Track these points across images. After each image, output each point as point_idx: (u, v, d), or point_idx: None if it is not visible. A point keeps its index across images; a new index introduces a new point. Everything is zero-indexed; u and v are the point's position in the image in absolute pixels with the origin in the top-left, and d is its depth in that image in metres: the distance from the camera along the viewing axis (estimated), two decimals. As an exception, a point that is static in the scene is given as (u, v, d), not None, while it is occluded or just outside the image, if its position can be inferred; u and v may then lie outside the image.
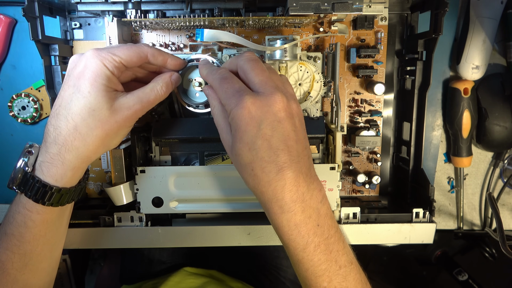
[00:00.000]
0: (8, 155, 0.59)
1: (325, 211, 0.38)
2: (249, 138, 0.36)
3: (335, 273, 0.37)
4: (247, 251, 0.73)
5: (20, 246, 0.40)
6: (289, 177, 0.35)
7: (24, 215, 0.39)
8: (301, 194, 0.36)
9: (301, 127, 0.39)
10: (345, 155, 0.58)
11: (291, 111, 0.37)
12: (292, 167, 0.36)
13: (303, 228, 0.36)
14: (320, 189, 0.38)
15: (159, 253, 0.73)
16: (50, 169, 0.38)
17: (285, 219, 0.36)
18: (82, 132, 0.38)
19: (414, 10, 0.55)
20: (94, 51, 0.39)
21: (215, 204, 0.50)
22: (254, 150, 0.36)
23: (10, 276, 0.40)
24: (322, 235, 0.37)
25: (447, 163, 0.63)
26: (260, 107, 0.36)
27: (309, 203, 0.37)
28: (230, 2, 0.48)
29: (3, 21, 0.55)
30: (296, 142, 0.37)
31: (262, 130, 0.35)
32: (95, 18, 0.55)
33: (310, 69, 0.52)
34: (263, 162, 0.36)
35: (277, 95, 0.36)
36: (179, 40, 0.55)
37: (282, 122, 0.36)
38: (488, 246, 0.80)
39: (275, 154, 0.35)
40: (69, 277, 0.96)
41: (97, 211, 0.52)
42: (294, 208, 0.36)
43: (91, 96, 0.38)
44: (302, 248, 0.37)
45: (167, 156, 0.53)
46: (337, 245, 0.38)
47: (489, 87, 0.58)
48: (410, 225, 0.52)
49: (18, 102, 0.57)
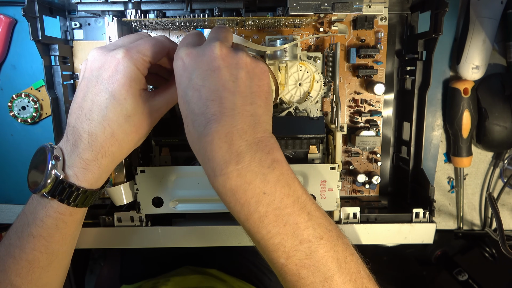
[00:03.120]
0: (8, 155, 0.59)
1: (276, 177, 0.32)
2: (182, 90, 0.34)
3: (294, 248, 0.32)
4: (247, 250, 0.73)
5: (48, 246, 0.39)
6: (217, 131, 0.31)
7: (56, 218, 0.38)
8: (235, 154, 0.31)
9: (248, 81, 0.34)
10: (345, 155, 0.58)
11: (235, 62, 0.34)
12: (222, 121, 0.32)
13: (241, 195, 0.31)
14: (269, 152, 0.33)
15: (159, 253, 0.73)
16: (85, 174, 0.38)
17: (220, 184, 0.32)
18: (119, 138, 0.38)
19: (414, 10, 0.55)
20: (125, 52, 0.37)
21: (215, 204, 0.50)
22: (186, 102, 0.34)
23: (35, 274, 0.39)
24: (270, 204, 0.32)
25: (447, 163, 0.63)
26: (193, 57, 0.34)
27: (250, 166, 0.31)
28: (230, 2, 0.48)
29: (3, 21, 0.55)
30: (233, 93, 0.33)
31: (193, 80, 0.33)
32: (95, 18, 0.55)
33: (310, 69, 0.52)
34: (194, 115, 0.33)
35: (214, 44, 0.34)
36: (179, 40, 0.55)
37: (217, 71, 0.33)
38: (488, 246, 0.80)
39: (204, 105, 0.32)
40: (69, 277, 0.96)
41: (97, 211, 0.52)
42: (227, 171, 0.31)
43: (127, 102, 0.37)
44: (244, 218, 0.32)
45: (167, 156, 0.53)
46: (295, 216, 0.32)
47: (489, 87, 0.58)
48: (410, 225, 0.52)
49: (18, 102, 0.57)
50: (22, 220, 0.39)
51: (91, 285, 1.02)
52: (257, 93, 0.35)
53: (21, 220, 0.39)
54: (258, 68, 0.36)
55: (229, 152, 0.31)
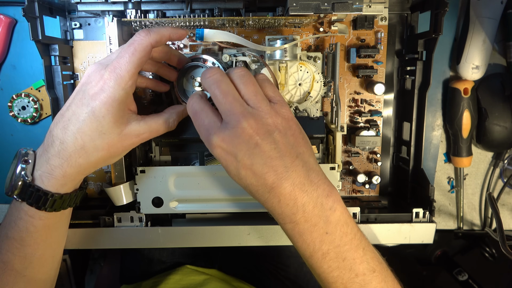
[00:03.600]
0: (8, 155, 0.59)
1: (337, 218, 0.37)
2: (233, 172, 0.37)
3: (350, 281, 0.37)
4: (247, 251, 0.73)
5: (21, 249, 0.40)
6: (282, 194, 0.35)
7: (26, 221, 0.39)
8: (301, 206, 0.36)
9: (284, 137, 0.37)
10: (345, 155, 0.58)
11: (266, 129, 0.36)
12: (283, 184, 0.35)
13: (308, 236, 0.36)
14: (328, 195, 0.37)
15: (159, 253, 0.73)
16: (50, 180, 0.39)
17: (289, 229, 0.37)
18: (88, 152, 0.39)
19: (414, 10, 0.55)
20: (111, 73, 0.37)
21: (215, 204, 0.50)
22: (242, 179, 0.37)
23: (11, 276, 0.40)
24: (332, 243, 0.36)
25: (447, 163, 0.63)
26: (230, 142, 0.36)
27: (313, 212, 0.36)
28: (230, 2, 0.48)
29: (3, 21, 0.55)
30: (280, 158, 0.36)
31: (240, 162, 0.36)
32: (95, 18, 0.55)
33: (310, 69, 0.52)
34: (254, 187, 0.36)
35: (243, 123, 0.35)
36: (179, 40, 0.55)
37: (258, 146, 0.35)
38: (488, 246, 0.80)
39: (261, 178, 0.35)
40: (69, 277, 0.96)
41: (97, 211, 0.52)
42: (295, 219, 0.36)
43: (104, 120, 0.38)
44: (309, 255, 0.37)
45: (167, 156, 0.53)
46: (353, 252, 0.37)
47: (489, 87, 0.58)
48: (410, 225, 0.52)
49: (18, 102, 0.57)
50: (3, 222, 0.41)
51: (91, 285, 1.02)
52: (296, 143, 0.37)
53: (3, 222, 0.41)
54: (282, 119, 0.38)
55: (295, 206, 0.36)
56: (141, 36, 0.38)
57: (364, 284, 0.37)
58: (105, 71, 0.38)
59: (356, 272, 0.37)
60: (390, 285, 0.38)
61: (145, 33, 0.38)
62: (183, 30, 0.42)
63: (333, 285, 0.37)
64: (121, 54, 0.38)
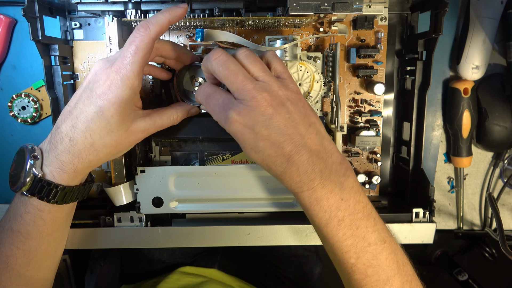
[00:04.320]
0: (8, 155, 0.59)
1: (350, 185, 0.38)
2: (251, 145, 0.37)
3: (363, 250, 0.37)
4: (247, 251, 0.73)
5: (25, 243, 0.40)
6: (300, 161, 0.36)
7: (34, 215, 0.40)
8: (318, 172, 0.36)
9: (296, 107, 0.38)
10: (345, 155, 0.58)
11: (279, 101, 0.37)
12: (300, 151, 0.36)
13: (325, 202, 0.37)
14: (341, 162, 0.38)
15: (159, 252, 0.73)
16: (61, 174, 0.39)
17: (306, 196, 0.37)
18: (97, 149, 0.40)
19: (414, 10, 0.55)
20: (117, 73, 0.37)
21: (215, 204, 0.50)
22: (259, 151, 0.37)
23: (14, 271, 0.41)
24: (347, 209, 0.37)
25: (447, 163, 0.63)
26: (246, 115, 0.36)
27: (330, 178, 0.37)
28: (230, 2, 0.48)
29: (3, 21, 0.55)
30: (295, 127, 0.37)
31: (258, 133, 0.36)
32: (95, 18, 0.55)
33: (310, 69, 0.52)
34: (272, 158, 0.37)
35: (257, 97, 0.36)
36: (179, 40, 0.55)
37: (274, 117, 0.36)
38: (488, 246, 0.80)
39: (279, 147, 0.36)
40: (69, 277, 0.96)
41: (97, 211, 0.52)
42: (313, 186, 0.37)
43: (113, 119, 0.38)
44: (325, 223, 0.37)
45: (167, 156, 0.53)
46: (365, 221, 0.37)
47: (489, 87, 0.58)
48: (410, 225, 0.52)
49: (18, 102, 0.57)
50: (5, 216, 0.41)
51: (91, 285, 1.02)
52: (307, 113, 0.39)
53: (5, 216, 0.41)
54: (292, 92, 0.39)
55: (314, 172, 0.36)
56: (141, 33, 0.38)
57: (376, 253, 0.37)
58: (111, 70, 0.38)
59: (369, 241, 0.37)
60: (400, 257, 0.39)
61: (144, 28, 0.38)
62: (181, 8, 0.40)
63: (346, 255, 0.37)
64: (123, 54, 0.38)
